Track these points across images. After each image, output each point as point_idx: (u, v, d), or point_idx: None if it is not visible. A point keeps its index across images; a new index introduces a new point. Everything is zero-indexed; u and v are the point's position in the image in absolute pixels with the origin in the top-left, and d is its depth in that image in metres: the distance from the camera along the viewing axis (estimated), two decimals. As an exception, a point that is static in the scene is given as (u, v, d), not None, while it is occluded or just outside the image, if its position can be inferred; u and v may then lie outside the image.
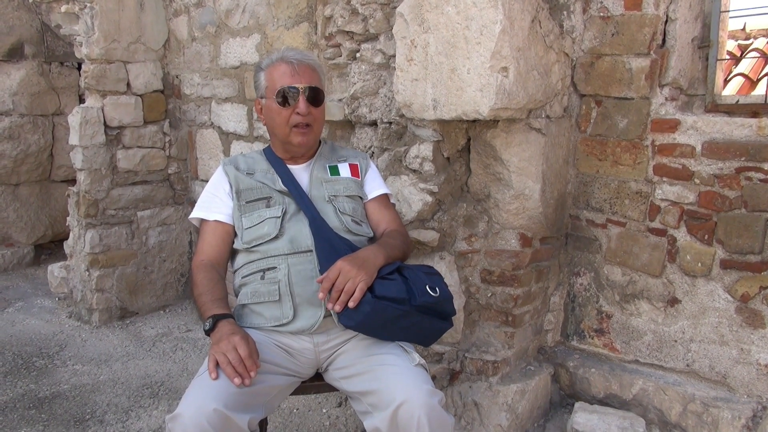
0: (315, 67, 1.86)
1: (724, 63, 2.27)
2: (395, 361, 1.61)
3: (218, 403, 1.42)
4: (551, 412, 2.47)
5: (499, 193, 2.28)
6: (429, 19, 2.04)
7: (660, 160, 2.20)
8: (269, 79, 1.83)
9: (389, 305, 1.57)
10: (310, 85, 1.80)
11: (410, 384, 1.52)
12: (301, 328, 1.71)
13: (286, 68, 1.81)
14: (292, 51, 1.88)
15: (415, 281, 1.63)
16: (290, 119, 1.80)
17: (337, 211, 1.82)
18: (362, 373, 1.65)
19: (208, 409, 1.41)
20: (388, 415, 1.49)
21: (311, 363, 1.76)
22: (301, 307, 1.71)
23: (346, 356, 1.73)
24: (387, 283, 1.61)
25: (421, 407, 1.47)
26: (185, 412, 1.43)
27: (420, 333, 1.68)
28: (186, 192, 3.81)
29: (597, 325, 2.45)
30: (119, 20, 3.39)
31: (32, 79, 4.45)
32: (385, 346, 1.68)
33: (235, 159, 1.94)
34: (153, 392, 2.73)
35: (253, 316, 1.76)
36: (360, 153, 2.06)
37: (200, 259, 1.81)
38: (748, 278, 2.06)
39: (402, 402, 1.48)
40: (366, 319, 1.57)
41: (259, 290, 1.74)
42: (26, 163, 4.49)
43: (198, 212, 1.87)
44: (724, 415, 2.08)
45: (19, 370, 2.94)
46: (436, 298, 1.63)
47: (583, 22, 2.28)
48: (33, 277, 4.38)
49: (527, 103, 2.07)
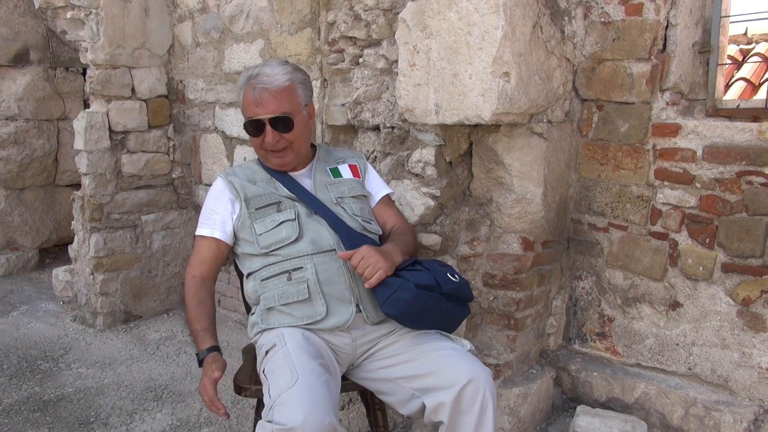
0: (282, 90, 1.79)
1: (725, 68, 2.29)
2: (448, 346, 1.72)
3: (330, 416, 1.45)
4: (553, 416, 2.47)
5: (501, 197, 2.29)
6: (431, 25, 2.06)
7: (661, 164, 2.21)
8: (243, 103, 1.85)
9: (426, 294, 1.67)
10: (275, 115, 1.78)
11: (475, 365, 1.65)
12: (335, 325, 1.74)
13: (251, 96, 1.80)
14: (263, 69, 1.83)
15: (436, 271, 1.74)
16: (263, 144, 1.84)
17: (346, 213, 1.86)
18: (414, 359, 1.71)
19: (324, 423, 1.42)
20: (455, 391, 1.60)
21: (349, 358, 1.80)
22: (332, 304, 1.74)
23: (392, 347, 1.77)
24: (416, 273, 1.70)
25: (486, 386, 1.62)
26: (303, 425, 1.40)
27: (446, 320, 1.79)
28: (190, 196, 3.83)
29: (599, 329, 2.45)
30: (124, 26, 3.42)
31: (37, 85, 4.47)
32: (429, 336, 1.77)
33: (234, 171, 1.96)
34: (157, 395, 2.74)
35: (283, 317, 1.76)
36: (356, 153, 2.10)
37: (192, 275, 1.88)
38: (749, 282, 2.07)
39: (469, 380, 1.60)
40: (408, 307, 1.65)
41: (288, 291, 1.75)
42: (31, 168, 4.52)
43: (200, 229, 1.91)
44: (725, 419, 2.09)
45: (24, 373, 2.96)
46: (458, 284, 1.76)
47: (585, 28, 2.30)
48: (37, 281, 4.39)
49: (529, 108, 2.08)
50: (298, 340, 1.67)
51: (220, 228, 1.87)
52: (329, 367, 1.65)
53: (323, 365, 1.62)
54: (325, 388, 1.53)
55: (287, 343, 1.66)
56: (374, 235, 1.89)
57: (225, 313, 3.68)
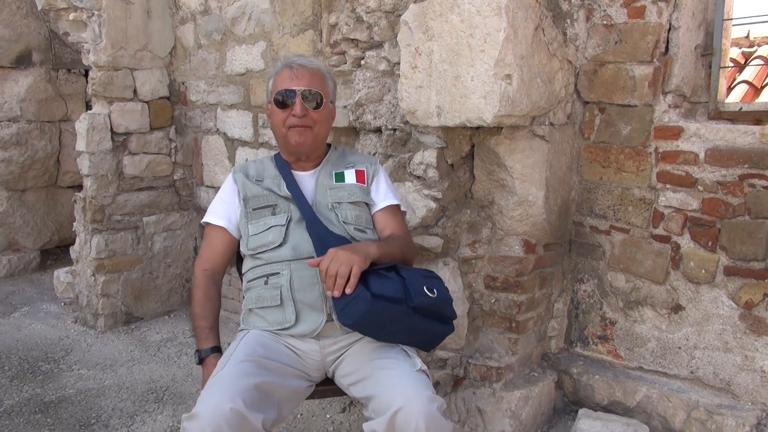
0: (316, 72, 1.86)
1: (727, 71, 2.28)
2: (395, 365, 1.62)
3: (235, 402, 1.45)
4: (555, 419, 2.46)
5: (502, 200, 2.29)
6: (433, 27, 2.06)
7: (663, 167, 2.21)
8: (274, 84, 1.88)
9: (387, 305, 1.55)
10: (308, 88, 1.81)
11: (409, 389, 1.52)
12: (303, 332, 1.74)
13: (287, 73, 1.84)
14: (297, 57, 1.91)
15: (412, 282, 1.62)
16: (287, 120, 1.83)
17: (339, 219, 1.83)
18: (364, 379, 1.65)
19: (225, 409, 1.44)
20: (386, 419, 1.49)
21: (318, 365, 1.78)
22: (303, 311, 1.74)
23: (350, 360, 1.74)
24: (384, 282, 1.59)
25: (419, 413, 1.46)
26: (202, 412, 1.45)
27: (420, 336, 1.68)
28: (191, 198, 3.83)
29: (601, 332, 2.44)
30: (126, 28, 3.43)
31: (40, 86, 4.49)
32: (387, 351, 1.68)
33: (246, 166, 1.98)
34: (158, 397, 2.74)
35: (258, 320, 1.80)
36: (370, 158, 2.04)
37: (203, 268, 1.89)
38: (751, 285, 2.06)
39: (400, 407, 1.48)
40: (363, 318, 1.55)
41: (263, 295, 1.78)
42: (33, 169, 4.52)
43: (207, 216, 1.93)
44: (728, 423, 2.08)
45: (25, 374, 2.96)
46: (434, 300, 1.62)
47: (587, 30, 2.30)
48: (39, 282, 4.39)
49: (531, 110, 2.08)
50: (249, 341, 1.71)
51: (227, 219, 1.90)
52: (273, 369, 1.64)
53: (262, 365, 1.62)
54: (243, 380, 1.52)
55: (241, 341, 1.72)
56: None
57: (226, 315, 3.68)
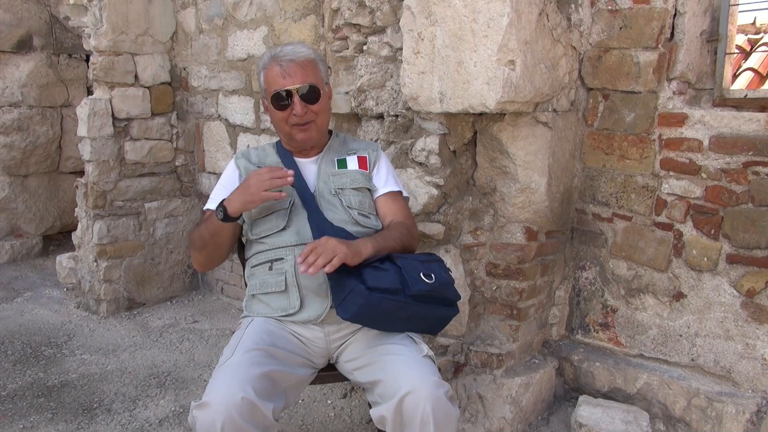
0: (308, 63, 1.80)
1: (732, 57, 2.26)
2: (402, 351, 1.62)
3: (246, 391, 1.45)
4: (555, 406, 2.47)
5: (505, 187, 2.28)
6: (436, 12, 2.04)
7: (667, 154, 2.20)
8: (266, 81, 1.83)
9: (383, 297, 1.55)
10: (303, 84, 1.77)
11: (416, 374, 1.52)
12: (307, 318, 1.74)
13: (277, 70, 1.79)
14: (285, 48, 1.84)
15: (408, 270, 1.61)
16: (289, 119, 1.81)
17: (343, 205, 1.82)
18: (370, 364, 1.66)
19: (237, 398, 1.43)
20: (394, 404, 1.49)
21: (323, 352, 1.78)
22: (307, 298, 1.74)
23: (354, 347, 1.75)
24: (379, 274, 1.59)
25: (426, 398, 1.47)
26: (213, 401, 1.44)
27: (424, 322, 1.68)
28: (193, 184, 3.82)
29: (602, 319, 2.45)
30: (127, 12, 3.40)
31: (41, 71, 4.47)
32: (393, 337, 1.68)
33: (248, 152, 1.97)
34: (160, 382, 2.75)
35: (261, 306, 1.79)
36: (372, 144, 2.03)
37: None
38: (754, 273, 2.06)
39: (408, 392, 1.48)
40: (360, 311, 1.56)
41: (267, 281, 1.77)
42: (35, 155, 4.52)
43: (209, 203, 1.91)
44: (728, 410, 2.08)
45: (28, 359, 2.97)
46: (432, 285, 1.61)
47: (591, 16, 2.27)
48: (41, 268, 4.41)
49: (534, 97, 2.06)
50: (255, 329, 1.70)
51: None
52: (280, 357, 1.64)
53: (269, 353, 1.62)
54: (252, 369, 1.52)
55: (247, 329, 1.71)
56: (370, 230, 1.82)
57: (228, 301, 3.69)
